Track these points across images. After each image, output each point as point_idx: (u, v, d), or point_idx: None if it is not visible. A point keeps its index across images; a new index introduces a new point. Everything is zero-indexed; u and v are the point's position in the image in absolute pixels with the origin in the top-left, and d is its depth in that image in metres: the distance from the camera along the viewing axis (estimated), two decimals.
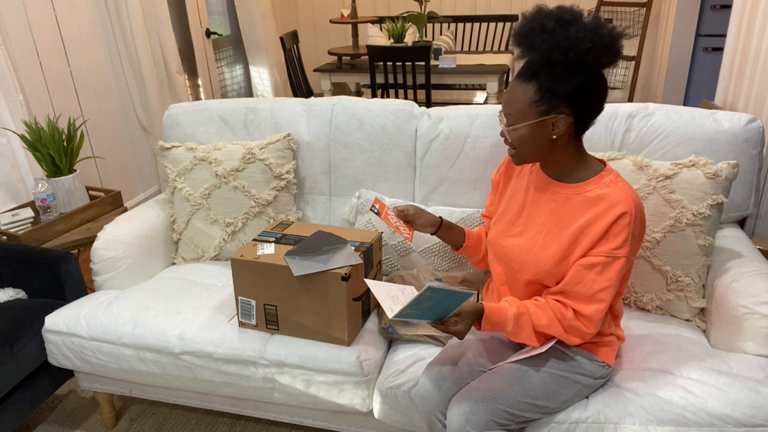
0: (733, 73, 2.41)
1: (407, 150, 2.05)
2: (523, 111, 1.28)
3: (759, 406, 1.32)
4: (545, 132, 1.29)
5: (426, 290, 1.20)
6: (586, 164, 1.37)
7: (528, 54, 1.27)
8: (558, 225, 1.36)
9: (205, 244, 2.08)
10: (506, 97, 1.32)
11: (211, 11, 4.49)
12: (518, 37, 1.27)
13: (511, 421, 1.32)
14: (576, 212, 1.34)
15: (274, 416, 1.81)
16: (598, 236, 1.29)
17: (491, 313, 1.32)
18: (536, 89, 1.26)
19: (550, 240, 1.37)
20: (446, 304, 1.27)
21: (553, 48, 1.20)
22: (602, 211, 1.29)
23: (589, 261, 1.30)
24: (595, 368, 1.41)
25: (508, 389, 1.32)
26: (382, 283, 1.40)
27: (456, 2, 5.28)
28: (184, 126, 2.22)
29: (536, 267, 1.37)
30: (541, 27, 1.22)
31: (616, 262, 1.28)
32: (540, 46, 1.22)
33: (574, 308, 1.32)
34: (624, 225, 1.27)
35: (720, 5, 4.11)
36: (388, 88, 3.76)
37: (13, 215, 2.35)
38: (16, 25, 2.77)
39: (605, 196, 1.30)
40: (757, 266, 1.58)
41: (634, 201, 1.29)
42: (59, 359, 1.84)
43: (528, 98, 1.27)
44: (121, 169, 3.57)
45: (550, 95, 1.26)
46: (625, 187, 1.32)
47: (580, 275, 1.30)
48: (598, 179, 1.34)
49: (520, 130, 1.30)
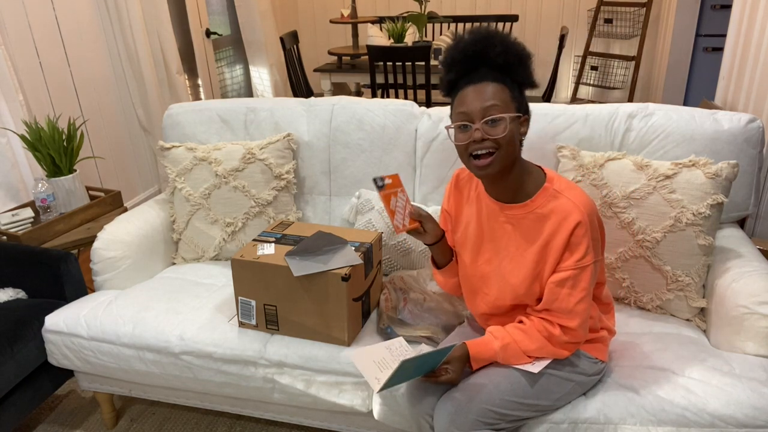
0: (733, 73, 2.41)
1: (407, 150, 2.05)
2: (508, 103, 1.28)
3: (761, 407, 1.32)
4: (518, 132, 1.31)
5: (402, 364, 1.21)
6: (530, 174, 1.37)
7: (481, 66, 1.30)
8: (520, 248, 1.37)
9: (205, 244, 2.08)
10: (482, 94, 1.28)
11: (211, 11, 4.49)
12: (470, 55, 1.30)
13: (499, 420, 1.32)
14: (532, 231, 1.35)
15: (274, 416, 1.81)
16: (560, 251, 1.30)
17: (476, 351, 1.35)
18: (508, 86, 1.29)
19: (517, 264, 1.38)
20: (429, 364, 1.29)
21: (507, 51, 1.28)
22: (556, 226, 1.31)
23: (559, 277, 1.32)
24: (588, 365, 1.41)
25: (494, 389, 1.32)
26: (366, 349, 1.42)
27: (456, 2, 5.28)
28: (184, 126, 2.22)
29: (513, 292, 1.39)
30: (487, 40, 1.29)
31: (584, 271, 1.30)
32: (496, 52, 1.28)
33: (559, 323, 1.33)
34: (581, 235, 1.28)
35: (720, 5, 4.11)
36: (388, 88, 3.76)
37: (13, 215, 2.35)
38: (16, 25, 2.77)
39: (555, 210, 1.31)
40: (757, 266, 1.58)
41: (585, 206, 1.29)
42: (59, 359, 1.84)
43: (507, 93, 1.29)
44: (121, 169, 3.57)
45: (519, 93, 1.31)
46: (572, 194, 1.31)
47: (555, 293, 1.32)
48: (543, 192, 1.34)
49: (508, 123, 1.27)
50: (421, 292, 1.75)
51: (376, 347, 1.42)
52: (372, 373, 1.35)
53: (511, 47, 1.30)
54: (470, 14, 5.08)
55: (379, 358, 1.38)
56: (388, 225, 1.93)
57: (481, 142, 1.28)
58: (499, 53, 1.28)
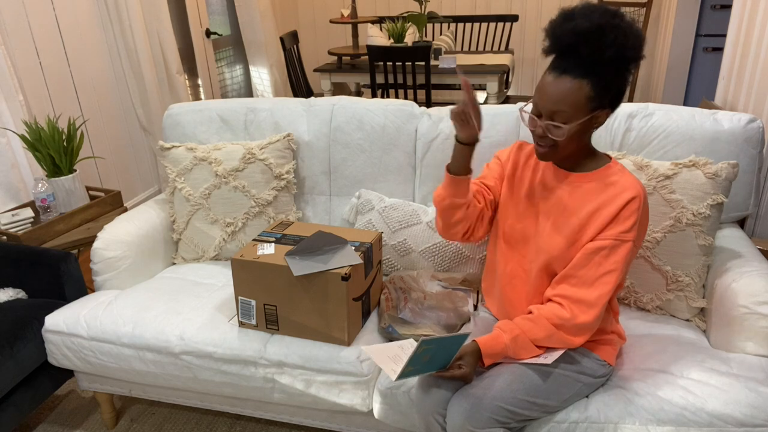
0: (733, 73, 2.41)
1: (407, 150, 2.05)
2: (579, 107, 1.25)
3: (759, 406, 1.32)
4: (589, 128, 1.31)
5: (421, 344, 1.22)
6: (594, 156, 1.39)
7: (582, 51, 1.22)
8: (566, 211, 1.37)
9: (205, 244, 2.08)
10: (554, 94, 1.26)
11: (211, 11, 4.49)
12: (580, 35, 1.21)
13: (511, 419, 1.32)
14: (585, 199, 1.35)
15: (274, 416, 1.81)
16: (608, 220, 1.31)
17: (487, 346, 1.34)
18: (592, 85, 1.23)
19: (558, 226, 1.38)
20: (445, 352, 1.29)
21: (626, 46, 1.20)
22: (612, 196, 1.32)
23: (597, 245, 1.31)
24: (597, 367, 1.41)
25: (508, 387, 1.32)
26: (380, 346, 1.42)
27: (456, 2, 5.28)
28: (184, 126, 2.22)
29: (546, 253, 1.38)
30: (610, 23, 1.20)
31: (623, 245, 1.30)
32: (613, 42, 1.19)
33: (574, 297, 1.31)
34: (633, 209, 1.29)
35: (720, 5, 4.11)
36: (388, 88, 3.76)
37: (13, 215, 2.35)
38: (16, 25, 2.77)
39: (615, 183, 1.33)
40: (757, 266, 1.58)
41: (642, 189, 1.32)
42: (59, 359, 1.84)
43: (584, 95, 1.24)
44: (121, 169, 3.57)
45: (605, 92, 1.25)
46: (632, 176, 1.34)
47: (587, 258, 1.32)
48: (606, 169, 1.36)
49: (572, 127, 1.27)
50: (422, 292, 1.76)
51: (388, 345, 1.43)
52: (388, 365, 1.35)
53: (622, 59, 1.22)
54: (470, 14, 5.08)
55: (393, 354, 1.39)
56: (386, 224, 1.93)
57: (542, 136, 1.32)
58: (615, 39, 1.20)
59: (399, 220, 1.93)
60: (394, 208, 1.97)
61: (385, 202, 2.00)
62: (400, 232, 1.92)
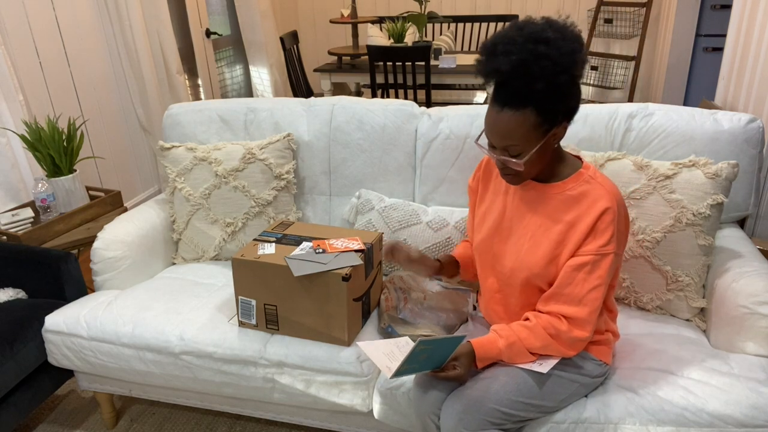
0: (733, 73, 2.41)
1: (407, 150, 2.05)
2: (529, 138, 1.22)
3: (759, 406, 1.32)
4: (549, 147, 1.28)
5: (418, 344, 1.22)
6: (565, 161, 1.36)
7: (513, 85, 1.19)
8: (542, 226, 1.36)
9: (205, 244, 2.08)
10: (500, 129, 1.23)
11: (211, 11, 4.49)
12: (510, 70, 1.16)
13: (506, 420, 1.32)
14: (559, 211, 1.33)
15: (274, 416, 1.81)
16: (584, 234, 1.29)
17: (482, 350, 1.34)
18: (537, 113, 1.20)
19: (536, 242, 1.36)
20: (441, 352, 1.29)
21: (556, 72, 1.16)
22: (585, 208, 1.29)
23: (578, 261, 1.29)
24: (593, 367, 1.41)
25: (502, 389, 1.32)
26: (375, 343, 1.43)
27: (456, 2, 5.28)
28: (184, 126, 2.22)
29: (527, 271, 1.37)
30: (533, 54, 1.15)
31: (604, 259, 1.28)
32: (541, 73, 1.15)
33: (566, 314, 1.31)
34: (608, 221, 1.27)
35: (720, 5, 4.11)
36: (388, 88, 3.76)
37: (13, 215, 2.35)
38: (16, 25, 2.77)
39: (586, 193, 1.30)
40: (757, 266, 1.58)
41: (615, 196, 1.29)
42: (59, 359, 1.84)
43: (530, 124, 1.20)
44: (121, 169, 3.57)
45: (553, 114, 1.21)
46: (604, 182, 1.31)
47: (570, 276, 1.30)
48: (577, 177, 1.33)
49: (529, 157, 1.25)
50: (422, 292, 1.76)
51: (383, 342, 1.43)
52: (383, 363, 1.35)
53: (562, 64, 1.16)
54: (470, 14, 5.08)
55: (388, 351, 1.39)
56: (388, 225, 1.93)
57: (502, 168, 1.31)
58: (544, 68, 1.15)
59: (399, 220, 1.94)
60: (394, 208, 1.97)
61: (385, 202, 2.00)
62: (400, 232, 1.92)
